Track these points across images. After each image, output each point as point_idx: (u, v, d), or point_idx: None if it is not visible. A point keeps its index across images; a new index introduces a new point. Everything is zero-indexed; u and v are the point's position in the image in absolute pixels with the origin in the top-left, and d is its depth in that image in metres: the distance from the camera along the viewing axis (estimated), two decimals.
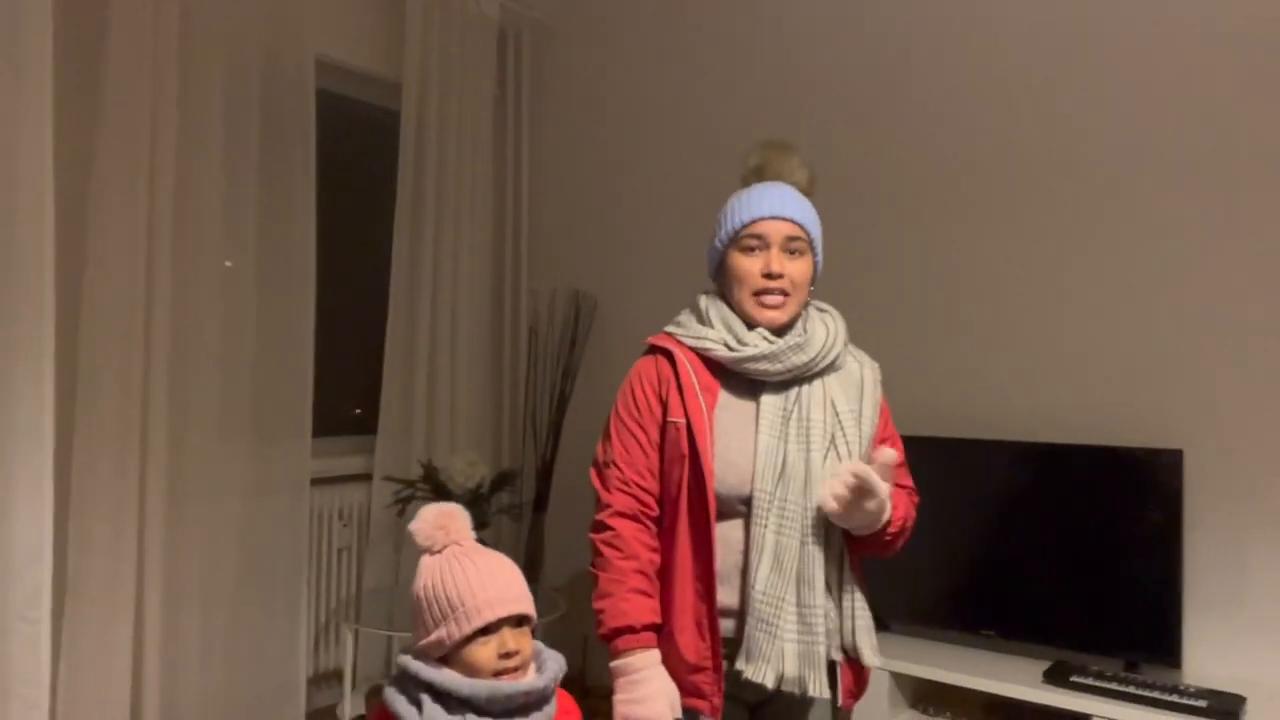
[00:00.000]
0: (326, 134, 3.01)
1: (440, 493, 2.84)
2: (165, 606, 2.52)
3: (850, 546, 1.48)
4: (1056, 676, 2.30)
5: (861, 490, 1.34)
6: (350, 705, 2.75)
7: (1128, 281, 2.51)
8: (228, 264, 2.69)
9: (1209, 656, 2.35)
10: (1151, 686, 2.20)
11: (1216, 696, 2.13)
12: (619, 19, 3.53)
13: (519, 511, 3.27)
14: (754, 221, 1.49)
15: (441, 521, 1.23)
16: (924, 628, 2.66)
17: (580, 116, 3.64)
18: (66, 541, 2.28)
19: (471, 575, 1.18)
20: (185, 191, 2.55)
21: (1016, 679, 2.35)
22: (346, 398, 3.36)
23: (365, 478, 3.20)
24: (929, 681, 2.46)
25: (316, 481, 2.99)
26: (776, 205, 1.49)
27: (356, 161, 3.39)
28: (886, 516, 1.38)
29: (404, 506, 2.86)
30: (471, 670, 1.16)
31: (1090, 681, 2.25)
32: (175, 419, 2.55)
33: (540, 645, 1.26)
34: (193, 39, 2.55)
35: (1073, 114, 2.59)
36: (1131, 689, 2.19)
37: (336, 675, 3.14)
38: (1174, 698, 2.13)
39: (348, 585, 3.16)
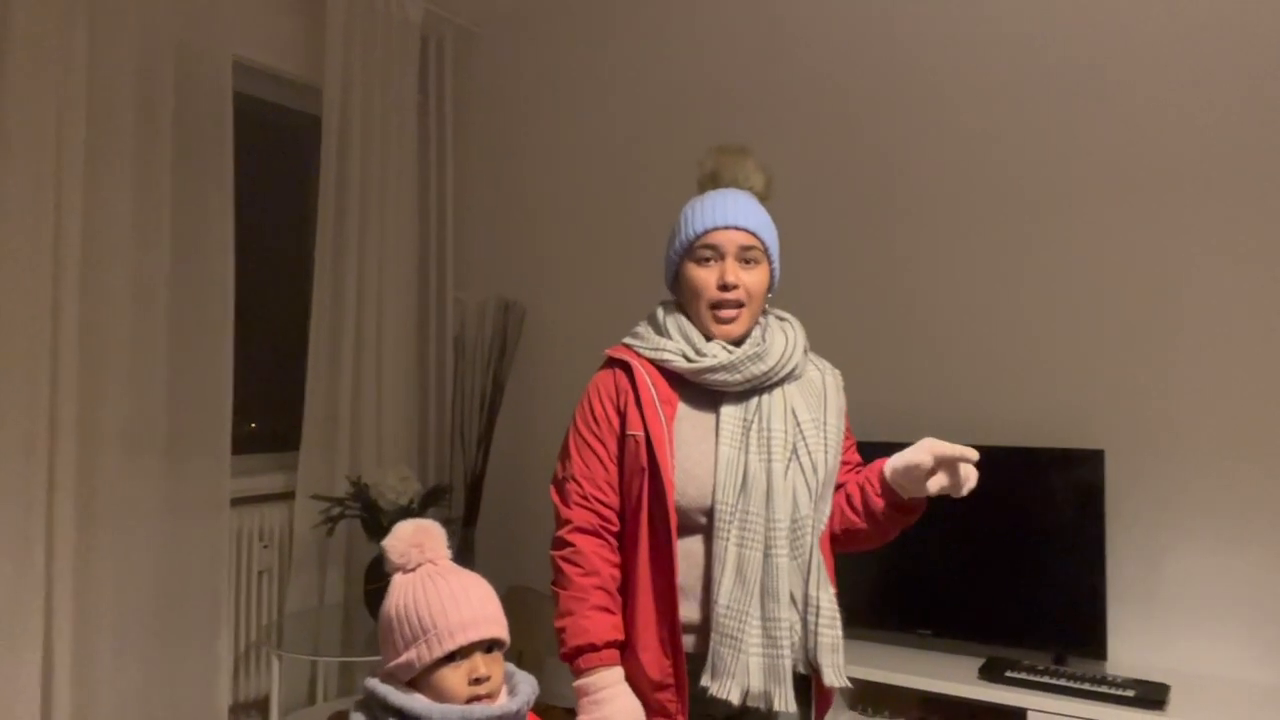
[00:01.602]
0: (244, 139, 2.89)
1: (371, 510, 2.75)
2: (76, 637, 2.37)
3: (858, 539, 1.51)
4: (992, 672, 2.36)
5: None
6: None
7: (1049, 288, 2.60)
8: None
9: (1132, 647, 2.45)
10: (1082, 679, 2.27)
11: (1143, 685, 2.22)
12: (543, 23, 3.50)
13: (452, 528, 3.20)
14: (707, 232, 1.48)
15: (417, 539, 1.19)
16: (861, 629, 2.70)
17: (505, 122, 3.59)
18: None
19: (445, 596, 1.14)
20: (94, 199, 2.41)
21: (953, 676, 2.40)
22: (266, 413, 3.23)
23: (287, 496, 3.08)
24: (867, 682, 2.49)
25: (236, 501, 2.86)
26: (730, 215, 1.48)
27: (276, 168, 3.27)
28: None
29: (333, 526, 2.75)
30: (441, 695, 1.12)
31: (1025, 676, 2.31)
32: (84, 438, 2.40)
33: (512, 667, 1.22)
34: (100, 38, 2.41)
35: (999, 130, 2.67)
36: (1064, 682, 2.26)
37: (259, 704, 3.01)
38: (1104, 689, 2.21)
39: (269, 609, 3.03)
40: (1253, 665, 2.32)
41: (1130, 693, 2.18)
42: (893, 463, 1.43)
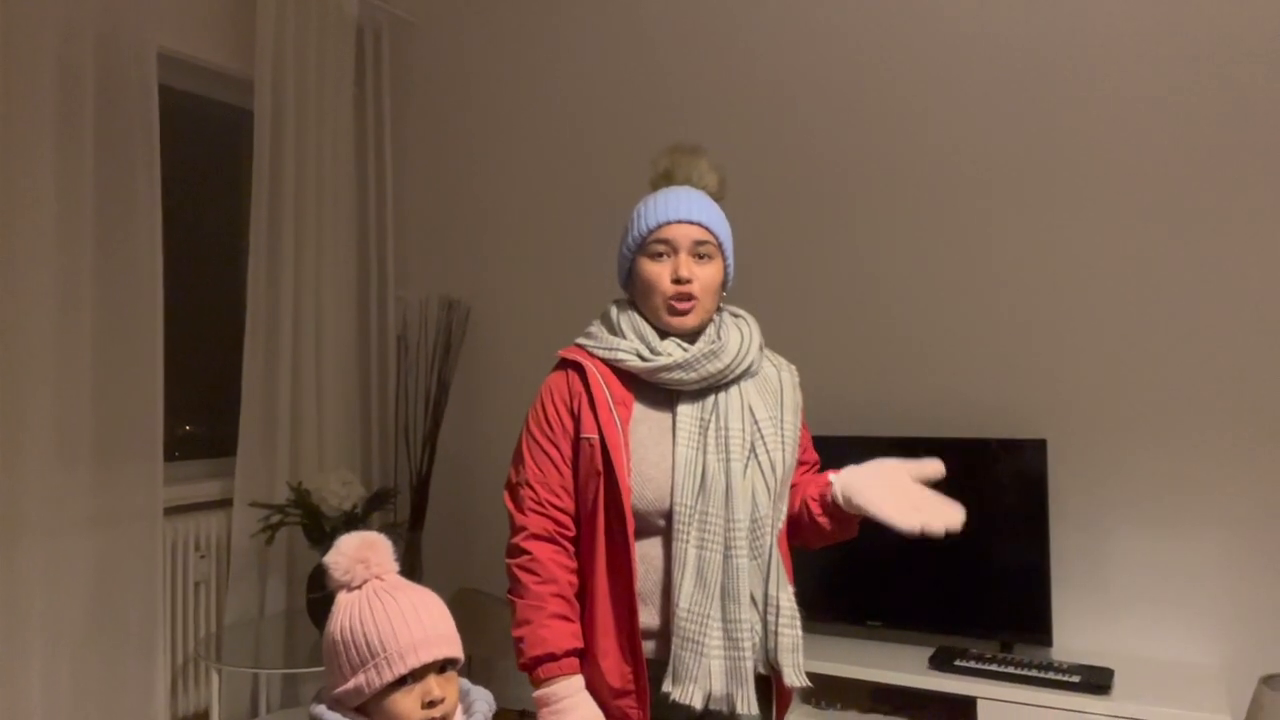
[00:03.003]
0: (172, 134, 2.78)
1: (312, 516, 2.67)
2: (3, 654, 2.26)
3: (820, 537, 1.49)
4: (941, 662, 2.39)
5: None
6: None
7: (991, 281, 2.63)
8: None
9: (1077, 633, 2.50)
10: (1029, 665, 2.31)
11: (1088, 671, 2.27)
12: (482, 13, 3.44)
13: (398, 532, 3.13)
14: (660, 226, 1.46)
15: (362, 553, 1.12)
16: (811, 622, 2.71)
17: (445, 116, 3.52)
18: None
19: (394, 615, 1.08)
20: (12, 197, 2.30)
21: (903, 667, 2.42)
22: (202, 417, 3.12)
23: (224, 504, 2.98)
24: (818, 675, 2.50)
25: (170, 510, 2.76)
26: (683, 209, 1.46)
27: (206, 163, 3.15)
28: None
29: (273, 534, 2.67)
30: None
31: (973, 665, 2.34)
32: (6, 446, 2.29)
33: (466, 684, 1.18)
34: (16, 31, 2.29)
35: (944, 129, 2.70)
36: (1012, 669, 2.30)
37: (199, 719, 2.91)
38: (1050, 675, 2.25)
39: (207, 621, 2.93)
40: (1193, 648, 2.39)
41: (1076, 678, 2.23)
42: (852, 499, 1.41)
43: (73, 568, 2.45)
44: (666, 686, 1.36)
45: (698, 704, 1.34)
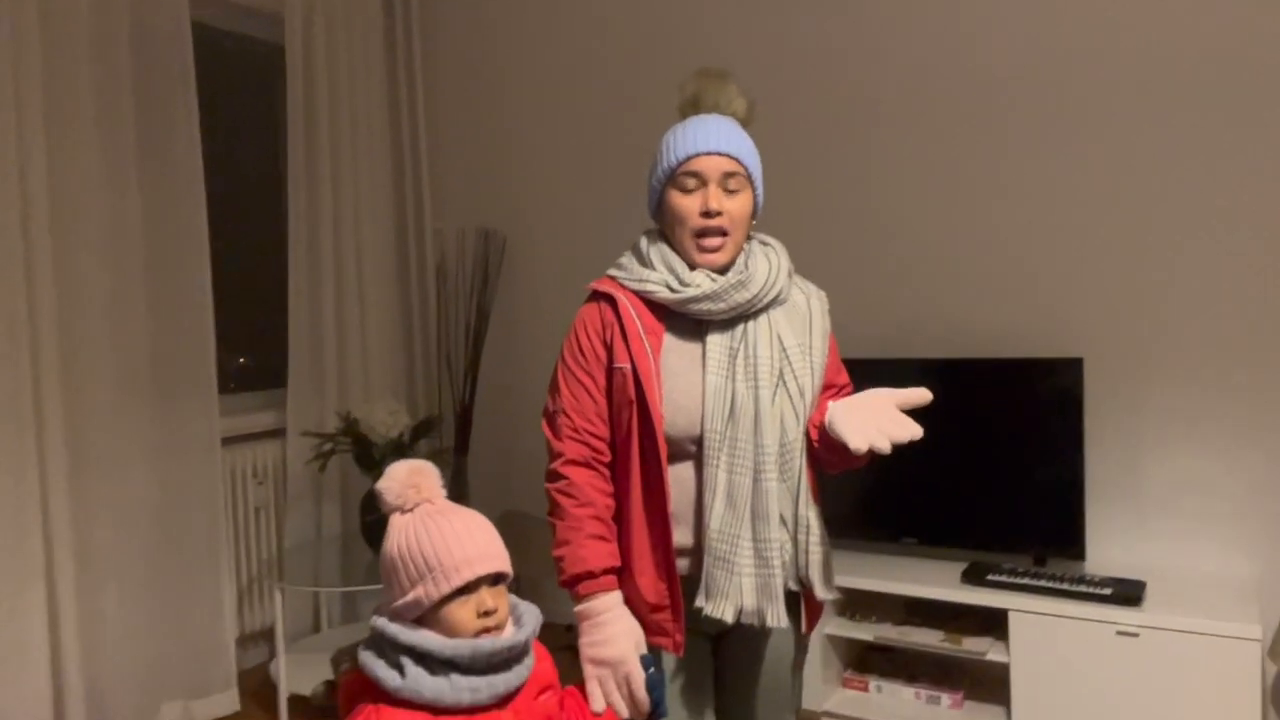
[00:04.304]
0: (208, 71, 2.82)
1: (361, 444, 2.78)
2: (80, 577, 2.43)
3: (830, 464, 1.50)
4: (974, 576, 2.45)
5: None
6: (283, 663, 2.71)
7: (1026, 199, 2.60)
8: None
9: (1109, 547, 2.54)
10: (1060, 579, 2.36)
11: (1120, 584, 2.31)
12: None
13: (444, 458, 3.24)
14: (690, 158, 1.46)
15: (413, 479, 1.19)
16: (848, 539, 2.78)
17: (476, 45, 3.50)
18: None
19: (448, 534, 1.15)
20: (56, 140, 2.37)
21: (937, 581, 2.49)
22: (258, 348, 3.23)
23: (278, 433, 3.10)
24: (854, 590, 2.58)
25: (228, 440, 2.89)
26: (712, 140, 1.45)
27: (243, 99, 3.19)
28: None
29: (325, 461, 2.78)
30: (450, 630, 1.14)
31: (1005, 579, 2.40)
32: (69, 383, 2.41)
33: (515, 599, 1.25)
34: None
35: (973, 37, 2.63)
36: (1043, 582, 2.35)
37: (264, 634, 3.09)
38: (1082, 587, 2.30)
39: (268, 544, 3.09)
40: (1228, 562, 2.41)
41: (1108, 590, 2.27)
42: (832, 426, 1.40)
43: (140, 495, 2.60)
44: (699, 602, 1.42)
45: (729, 618, 1.41)
